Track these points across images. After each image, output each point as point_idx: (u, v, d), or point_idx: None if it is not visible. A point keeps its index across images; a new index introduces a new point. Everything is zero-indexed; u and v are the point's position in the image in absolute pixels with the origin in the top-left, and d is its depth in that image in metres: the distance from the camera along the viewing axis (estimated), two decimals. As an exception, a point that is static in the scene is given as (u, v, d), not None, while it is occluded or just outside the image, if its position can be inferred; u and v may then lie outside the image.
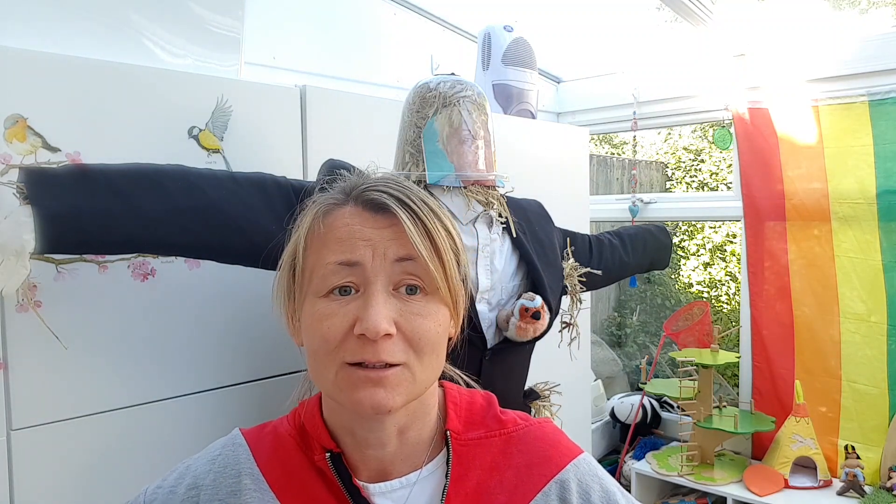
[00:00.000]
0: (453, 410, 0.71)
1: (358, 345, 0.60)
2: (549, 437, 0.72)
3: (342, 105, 1.41)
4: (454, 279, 0.66)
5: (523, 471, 0.68)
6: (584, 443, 2.22)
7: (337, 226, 0.64)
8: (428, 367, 0.64)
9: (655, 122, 2.65)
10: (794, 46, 2.19)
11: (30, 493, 0.99)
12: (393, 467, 0.67)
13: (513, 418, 0.72)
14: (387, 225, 0.63)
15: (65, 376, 1.02)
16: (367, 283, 0.62)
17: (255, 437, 0.71)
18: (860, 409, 2.09)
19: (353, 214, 0.64)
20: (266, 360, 1.26)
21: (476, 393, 0.76)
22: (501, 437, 0.70)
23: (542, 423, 0.73)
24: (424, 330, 0.62)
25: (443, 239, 0.64)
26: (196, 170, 1.01)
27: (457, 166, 1.14)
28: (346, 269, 0.62)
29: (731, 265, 4.84)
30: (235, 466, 0.68)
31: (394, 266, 0.62)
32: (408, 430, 0.67)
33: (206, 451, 0.72)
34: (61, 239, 0.88)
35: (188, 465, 0.71)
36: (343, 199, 0.66)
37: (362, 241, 0.62)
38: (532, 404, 1.32)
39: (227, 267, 1.10)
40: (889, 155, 1.99)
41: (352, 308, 0.61)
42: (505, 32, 1.97)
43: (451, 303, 0.66)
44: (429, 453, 0.68)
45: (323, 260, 0.63)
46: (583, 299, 1.40)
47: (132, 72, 1.10)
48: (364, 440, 0.66)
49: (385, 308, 0.60)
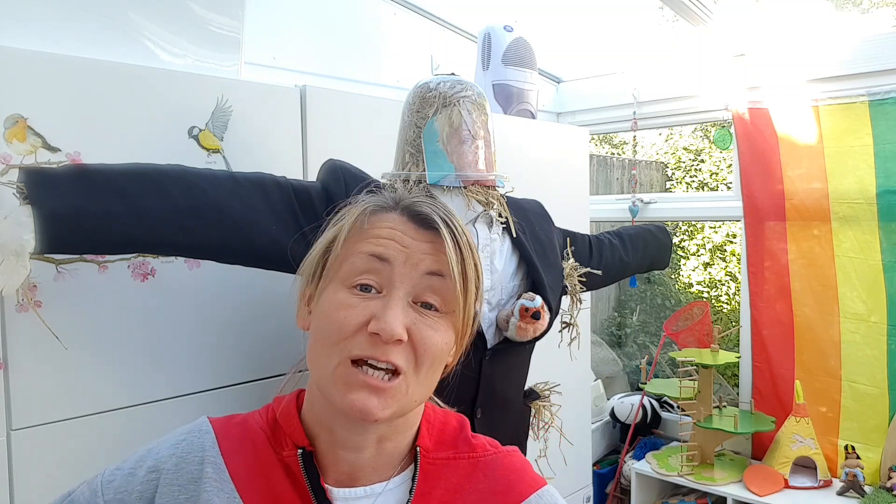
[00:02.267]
0: (426, 428, 0.72)
1: (369, 342, 0.62)
2: (516, 466, 0.73)
3: (342, 105, 1.41)
4: (470, 309, 0.68)
5: (487, 497, 0.69)
6: (584, 443, 2.22)
7: (380, 225, 0.67)
8: (422, 383, 0.65)
9: (655, 122, 2.65)
10: (794, 46, 2.18)
11: (30, 493, 0.99)
12: (363, 474, 0.67)
13: (482, 443, 0.73)
14: (427, 240, 0.66)
15: (65, 376, 1.02)
16: (391, 286, 0.64)
17: (222, 427, 0.70)
18: (860, 409, 2.09)
19: (398, 221, 0.67)
20: (266, 360, 1.26)
21: (450, 414, 0.77)
22: (469, 461, 0.71)
23: (510, 452, 0.74)
24: (433, 343, 0.64)
25: (473, 269, 0.68)
26: (196, 170, 1.01)
27: (457, 166, 1.14)
28: (375, 262, 0.64)
29: (731, 265, 4.84)
30: (199, 453, 0.67)
31: (422, 278, 0.65)
32: (387, 441, 0.68)
33: (170, 436, 0.71)
34: (61, 239, 0.88)
35: (150, 449, 0.70)
36: (391, 205, 0.69)
37: (399, 246, 0.65)
38: (532, 404, 1.32)
39: (227, 267, 1.10)
40: (889, 155, 1.99)
41: (371, 305, 0.63)
42: (505, 32, 1.97)
43: (460, 329, 0.68)
44: (399, 467, 0.69)
45: (356, 249, 0.65)
46: (583, 299, 1.40)
47: (132, 72, 1.10)
48: (342, 440, 0.66)
49: (403, 314, 0.63)
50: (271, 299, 1.25)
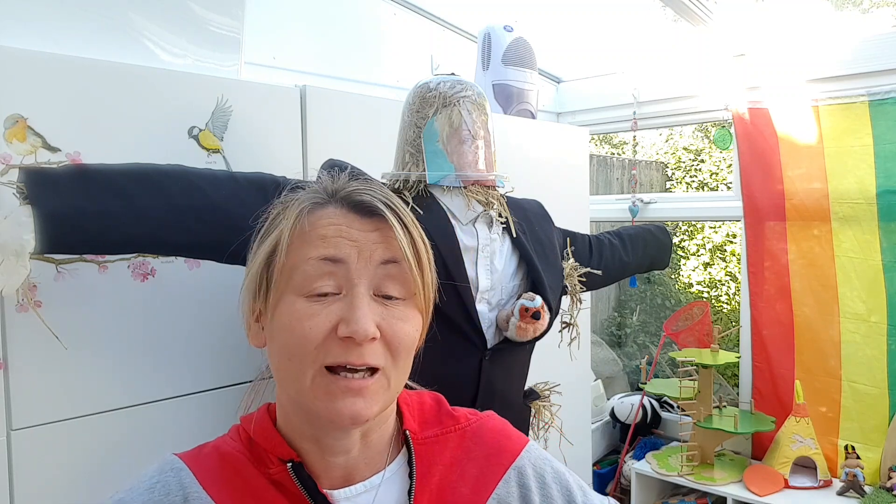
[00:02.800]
0: (407, 411, 0.72)
1: (341, 347, 0.60)
2: (499, 428, 0.75)
3: (342, 105, 1.41)
4: (429, 286, 0.67)
5: (482, 462, 0.70)
6: (584, 443, 2.22)
7: (322, 224, 0.63)
8: (401, 373, 0.65)
9: (655, 122, 2.65)
10: (794, 46, 2.18)
11: (30, 493, 0.99)
12: (356, 472, 0.66)
13: (464, 414, 0.75)
14: (373, 228, 0.63)
15: (65, 376, 1.02)
16: (350, 285, 0.61)
17: (193, 460, 0.66)
18: (860, 409, 2.09)
19: (338, 214, 0.64)
20: (266, 361, 1.26)
21: (423, 393, 0.77)
22: (457, 433, 0.72)
23: (490, 416, 0.76)
24: (404, 334, 0.63)
25: (424, 246, 0.66)
26: (196, 170, 1.01)
27: (457, 166, 1.14)
28: (328, 265, 0.61)
29: (731, 265, 4.84)
30: (179, 492, 0.62)
31: (377, 269, 0.62)
32: (371, 434, 0.67)
33: (138, 482, 0.64)
34: (61, 239, 0.88)
35: (121, 499, 0.63)
36: (326, 199, 0.65)
37: (348, 241, 0.62)
38: (532, 404, 1.32)
39: (227, 267, 1.10)
40: (889, 155, 1.99)
41: (335, 309, 0.60)
42: (505, 32, 1.97)
43: (424, 309, 0.67)
44: (389, 454, 0.69)
45: (304, 256, 0.62)
46: (583, 299, 1.40)
47: (132, 72, 1.10)
48: (329, 448, 0.65)
49: (370, 311, 0.60)
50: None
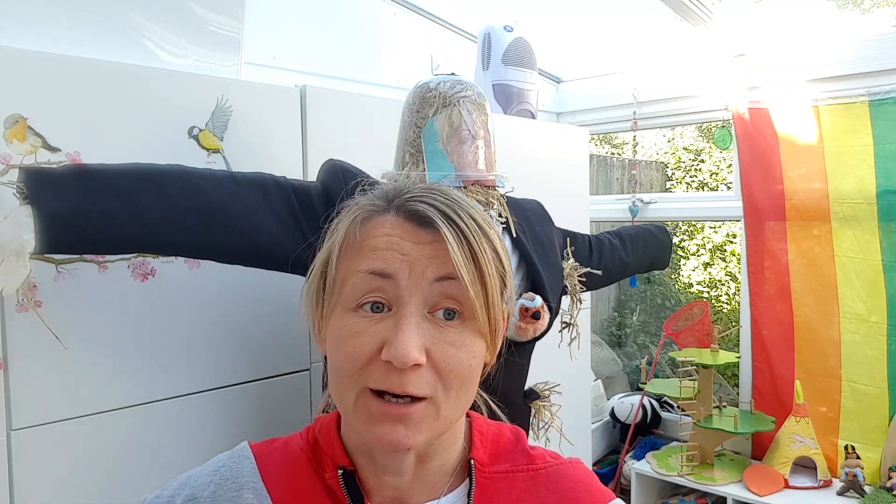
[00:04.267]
0: (479, 440, 0.66)
1: (383, 371, 0.55)
2: (581, 479, 0.67)
3: (342, 105, 1.41)
4: (495, 307, 0.60)
5: None
6: (584, 443, 2.22)
7: (375, 234, 0.59)
8: (455, 403, 0.59)
9: (655, 122, 2.65)
10: (794, 46, 2.19)
11: (30, 493, 0.99)
12: (409, 496, 0.62)
13: (542, 454, 0.68)
14: (429, 241, 0.58)
15: (65, 376, 1.02)
16: (400, 303, 0.57)
17: (262, 451, 0.67)
18: (860, 409, 2.09)
19: (393, 224, 0.59)
20: (266, 360, 1.26)
21: (504, 426, 0.72)
22: (529, 474, 0.66)
23: (574, 464, 0.69)
24: (457, 362, 0.57)
25: (488, 261, 0.59)
26: (196, 170, 1.01)
27: (457, 166, 1.14)
28: (377, 279, 0.57)
29: (731, 265, 4.84)
30: (237, 480, 0.64)
31: (432, 286, 0.57)
32: (430, 460, 0.63)
33: (209, 462, 0.68)
34: (61, 239, 0.88)
35: (189, 476, 0.67)
36: (384, 207, 0.61)
37: (400, 255, 0.57)
38: (532, 404, 1.32)
39: (227, 267, 1.10)
40: (889, 155, 1.99)
41: (381, 328, 0.56)
42: (505, 32, 1.97)
43: (488, 333, 0.60)
44: (450, 483, 0.64)
45: (355, 268, 0.58)
46: (583, 299, 1.40)
47: (132, 72, 1.10)
48: (381, 466, 0.62)
49: (417, 334, 0.55)
50: (271, 299, 1.25)
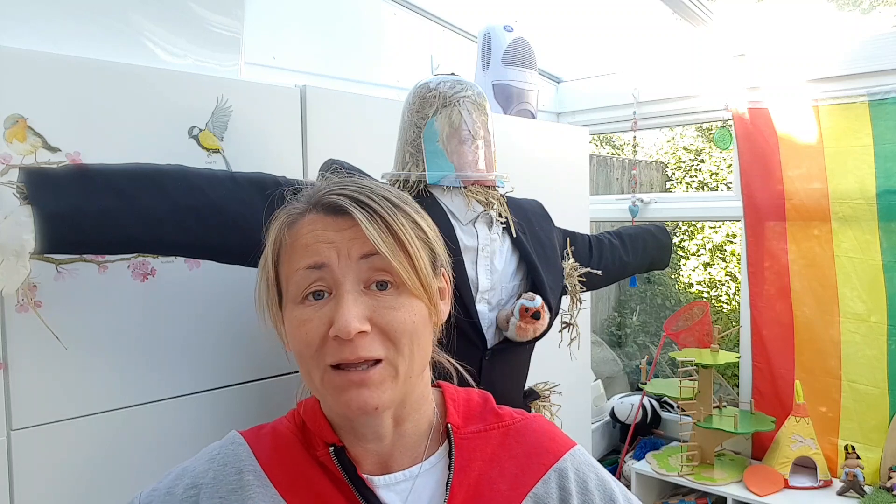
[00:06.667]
0: (452, 406, 0.74)
1: (336, 346, 0.62)
2: (545, 429, 0.76)
3: (342, 105, 1.41)
4: (423, 269, 0.66)
5: (522, 461, 0.71)
6: (584, 443, 2.22)
7: (301, 233, 0.66)
8: (410, 359, 0.65)
9: (655, 122, 2.65)
10: (794, 46, 2.18)
11: (30, 493, 0.99)
12: (393, 460, 0.69)
13: (509, 412, 0.76)
14: (348, 226, 0.64)
15: (65, 376, 1.02)
16: (336, 285, 0.63)
17: (253, 437, 0.72)
18: (860, 409, 2.09)
19: (314, 221, 0.66)
20: (266, 360, 1.26)
21: (472, 391, 0.79)
22: (500, 430, 0.73)
23: (537, 417, 0.78)
24: (399, 322, 0.64)
25: (406, 231, 0.65)
26: (196, 170, 1.01)
27: (457, 166, 1.14)
28: (314, 272, 0.64)
29: (731, 265, 4.84)
30: (236, 464, 0.69)
31: (359, 264, 0.64)
32: (404, 422, 0.69)
33: (202, 453, 0.72)
34: (61, 239, 0.88)
35: (185, 467, 0.71)
36: (304, 208, 0.68)
37: (326, 244, 0.64)
38: (532, 404, 1.33)
39: (227, 267, 1.10)
40: (889, 155, 1.99)
41: (326, 311, 0.63)
42: (505, 32, 1.97)
43: (423, 294, 0.66)
44: (427, 447, 0.71)
45: (293, 267, 0.65)
46: (583, 299, 1.40)
47: (132, 72, 1.10)
48: (362, 434, 0.68)
49: (356, 307, 0.62)
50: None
